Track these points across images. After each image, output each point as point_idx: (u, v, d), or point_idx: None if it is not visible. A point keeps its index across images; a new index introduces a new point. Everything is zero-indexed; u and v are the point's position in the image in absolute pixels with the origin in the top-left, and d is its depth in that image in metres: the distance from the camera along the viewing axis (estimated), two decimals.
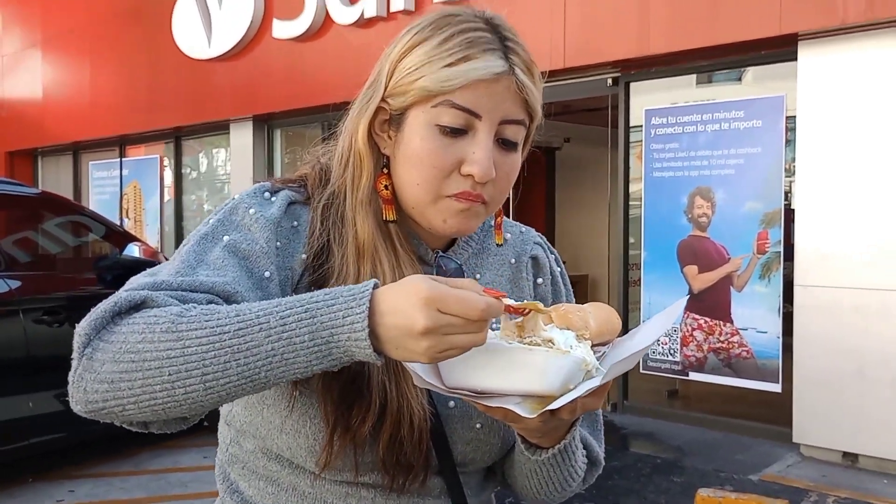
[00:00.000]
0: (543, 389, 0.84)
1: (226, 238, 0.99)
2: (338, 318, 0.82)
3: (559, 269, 1.24)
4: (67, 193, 11.38)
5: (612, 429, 5.92)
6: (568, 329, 0.92)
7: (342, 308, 0.82)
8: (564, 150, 10.31)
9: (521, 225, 1.25)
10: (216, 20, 8.74)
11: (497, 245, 1.17)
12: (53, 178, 11.88)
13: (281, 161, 9.06)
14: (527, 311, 0.88)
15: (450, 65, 0.98)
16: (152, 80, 9.75)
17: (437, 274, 1.06)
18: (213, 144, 9.83)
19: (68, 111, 10.93)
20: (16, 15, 11.73)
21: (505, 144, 1.01)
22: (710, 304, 5.87)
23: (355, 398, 0.97)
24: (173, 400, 0.84)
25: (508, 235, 1.19)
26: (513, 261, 1.18)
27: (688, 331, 5.95)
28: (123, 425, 0.90)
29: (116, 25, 10.15)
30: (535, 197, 10.45)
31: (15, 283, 4.58)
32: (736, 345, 5.73)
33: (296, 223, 1.04)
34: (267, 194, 1.04)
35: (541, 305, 0.89)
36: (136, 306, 0.88)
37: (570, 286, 1.25)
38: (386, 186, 1.04)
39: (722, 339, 5.80)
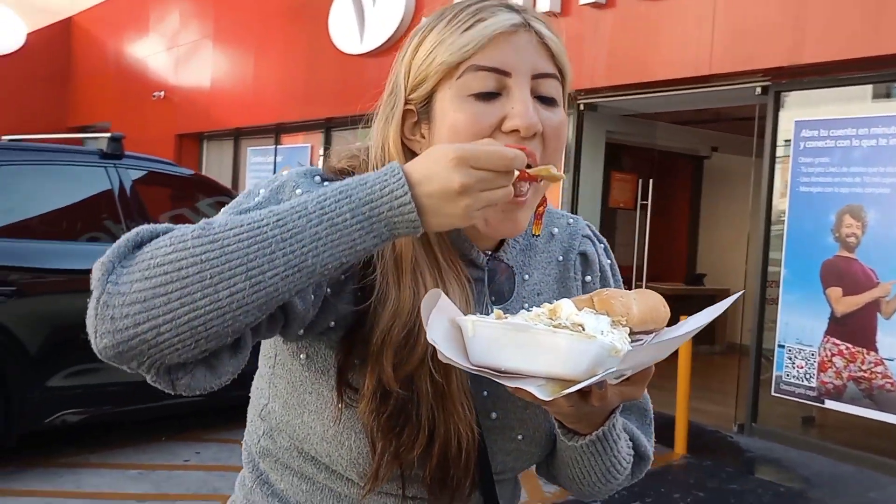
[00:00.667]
0: (566, 373, 0.83)
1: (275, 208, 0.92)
2: (375, 192, 0.80)
3: (609, 261, 1.19)
4: (227, 175, 12.10)
5: (736, 451, 5.69)
6: (606, 314, 0.90)
7: (377, 183, 0.81)
8: (713, 160, 9.96)
9: (570, 215, 1.19)
10: (369, 17, 9.03)
11: (534, 236, 1.10)
12: (216, 161, 12.64)
13: None
14: (539, 179, 0.89)
15: (464, 31, 0.95)
16: (308, 73, 10.20)
17: (488, 278, 1.05)
18: (361, 137, 10.13)
19: (232, 99, 11.60)
20: (192, 9, 12.55)
21: (543, 101, 0.97)
22: (854, 329, 5.52)
23: (404, 425, 0.95)
24: (217, 307, 0.76)
25: (556, 230, 1.14)
26: (560, 258, 1.13)
27: (826, 356, 5.62)
28: (151, 373, 0.80)
29: (280, 21, 10.69)
30: (679, 205, 10.16)
31: None
32: (879, 375, 5.36)
33: None
34: (318, 178, 0.99)
35: (553, 170, 0.90)
36: (159, 234, 0.82)
37: (619, 278, 1.20)
38: None
39: (864, 367, 5.44)
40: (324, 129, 10.38)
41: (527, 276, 1.09)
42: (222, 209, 0.95)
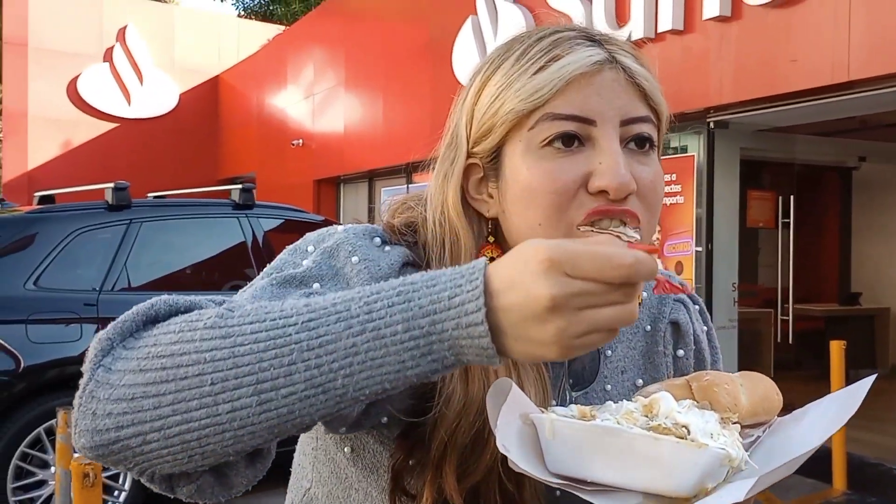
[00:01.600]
0: (671, 490, 0.68)
1: (315, 286, 0.81)
2: (442, 301, 0.61)
3: (705, 327, 1.02)
4: (363, 217, 12.42)
5: None
6: (710, 408, 0.76)
7: (448, 287, 0.62)
8: (861, 171, 9.33)
9: (661, 270, 1.01)
10: (491, 51, 9.10)
11: None
12: (352, 203, 13.05)
13: None
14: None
15: (536, 72, 0.81)
16: (434, 111, 10.37)
17: (569, 360, 0.88)
18: None
19: (364, 142, 11.97)
20: (325, 59, 13.08)
21: (637, 145, 0.82)
22: None
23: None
24: (214, 423, 0.62)
25: (644, 294, 0.97)
26: (648, 328, 0.97)
27: None
28: (142, 478, 0.67)
29: (407, 63, 10.96)
30: (827, 221, 9.56)
31: None
32: None
33: None
34: (378, 240, 0.85)
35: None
36: (180, 311, 0.70)
37: (716, 343, 1.03)
38: (492, 259, 0.81)
39: None
40: None
41: (609, 352, 0.94)
42: (264, 270, 0.85)
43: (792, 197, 7.65)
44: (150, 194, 5.83)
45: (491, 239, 0.87)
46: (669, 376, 0.96)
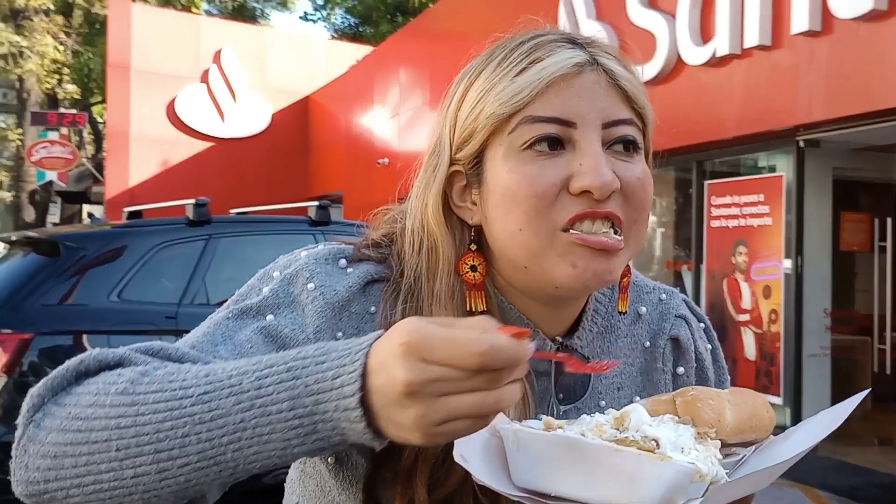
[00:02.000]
0: (630, 503, 0.66)
1: (269, 318, 0.82)
2: (326, 380, 0.61)
3: (709, 346, 0.99)
4: None
5: None
6: (692, 423, 0.73)
7: (333, 367, 0.62)
8: None
9: (664, 289, 0.99)
10: None
11: (620, 313, 0.91)
12: None
13: None
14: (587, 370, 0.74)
15: (517, 76, 0.80)
16: None
17: (556, 372, 0.87)
18: None
19: None
20: (411, 80, 13.24)
21: (621, 148, 0.81)
22: None
23: None
24: (121, 486, 0.65)
25: (644, 309, 0.95)
26: (647, 344, 0.95)
27: None
28: None
29: None
30: None
31: None
32: None
33: (373, 309, 0.85)
34: (343, 262, 0.86)
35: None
36: (109, 366, 0.71)
37: (722, 363, 1.01)
38: (473, 267, 0.85)
39: None
40: None
41: None
42: (232, 297, 0.86)
43: (889, 219, 7.28)
44: (232, 210, 5.98)
45: (473, 247, 0.86)
46: (668, 392, 0.92)
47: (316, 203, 5.19)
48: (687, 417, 0.74)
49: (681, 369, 0.96)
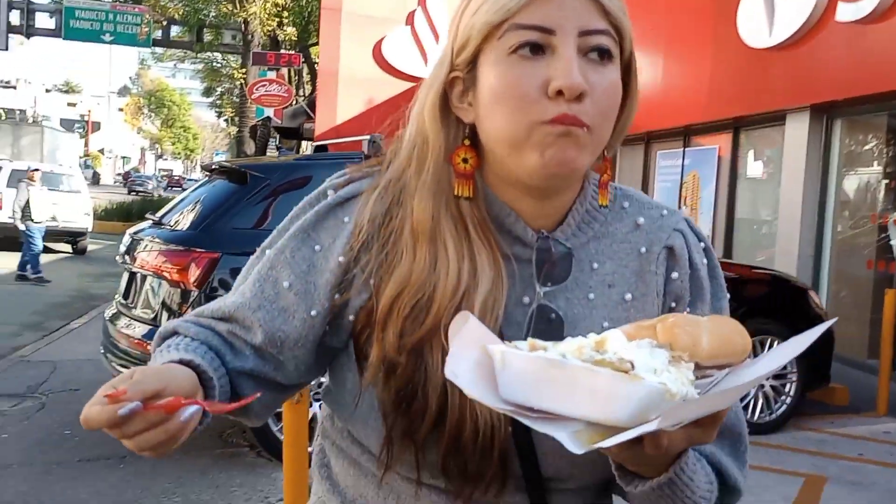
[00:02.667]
0: (607, 419, 0.72)
1: (268, 251, 0.99)
2: None
3: (705, 260, 1.03)
4: (637, 180, 12.21)
5: None
6: (669, 347, 0.77)
7: None
8: None
9: (665, 206, 1.05)
10: (779, 7, 8.43)
11: (601, 206, 1.00)
12: (629, 166, 12.84)
13: (839, 154, 8.35)
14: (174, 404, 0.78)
15: None
16: (714, 71, 9.86)
17: (537, 258, 0.96)
18: (768, 137, 9.52)
19: (643, 104, 11.52)
20: None
21: (594, 55, 0.89)
22: None
23: (412, 401, 0.90)
24: None
25: (642, 219, 1.02)
26: (643, 250, 1.00)
27: None
28: None
29: (686, 21, 10.49)
30: None
31: None
32: None
33: (347, 219, 0.97)
34: (331, 192, 0.99)
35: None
36: (170, 334, 0.98)
37: (721, 282, 1.03)
38: (465, 160, 0.95)
39: None
40: (732, 128, 9.94)
41: (596, 265, 0.99)
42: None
43: None
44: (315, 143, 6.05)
45: (466, 142, 0.96)
46: (659, 295, 1.00)
47: (368, 137, 5.18)
48: (666, 342, 0.78)
49: (675, 274, 1.01)
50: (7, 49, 29.84)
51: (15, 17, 27.69)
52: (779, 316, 5.93)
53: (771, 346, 5.79)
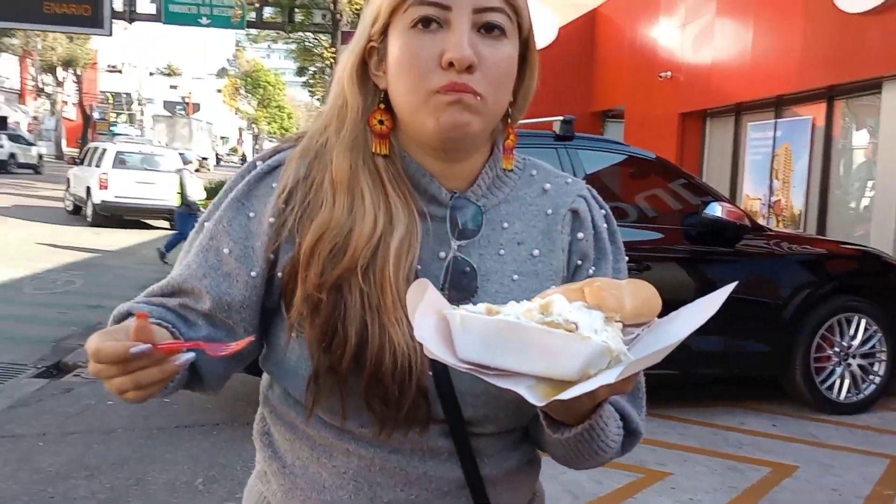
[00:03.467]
0: (559, 374, 0.81)
1: (207, 224, 1.06)
2: None
3: (606, 225, 1.12)
4: (727, 153, 11.93)
5: None
6: (599, 309, 0.85)
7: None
8: None
9: (569, 176, 1.15)
10: None
11: (505, 170, 1.08)
12: (718, 138, 12.54)
13: None
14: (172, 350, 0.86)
15: None
16: (806, 39, 9.50)
17: (451, 216, 1.04)
18: (863, 106, 9.14)
19: (732, 74, 11.38)
20: None
21: (487, 30, 0.97)
22: None
23: (333, 335, 0.96)
24: None
25: (548, 185, 1.11)
26: (549, 212, 1.10)
27: None
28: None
29: None
30: None
31: (656, 235, 5.43)
32: None
33: (275, 185, 1.04)
34: (259, 163, 1.07)
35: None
36: (125, 316, 1.02)
37: (620, 245, 1.12)
38: (381, 122, 1.03)
39: None
40: (825, 98, 9.59)
41: (506, 224, 1.08)
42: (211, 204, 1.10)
43: None
44: None
45: (381, 106, 1.04)
46: (564, 252, 1.09)
47: (560, 118, 5.29)
48: (594, 304, 0.86)
49: (580, 234, 1.10)
50: (111, 34, 31.13)
51: (118, 4, 28.74)
52: (867, 293, 5.77)
53: (858, 324, 5.66)
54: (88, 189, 16.86)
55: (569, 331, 0.80)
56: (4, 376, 6.01)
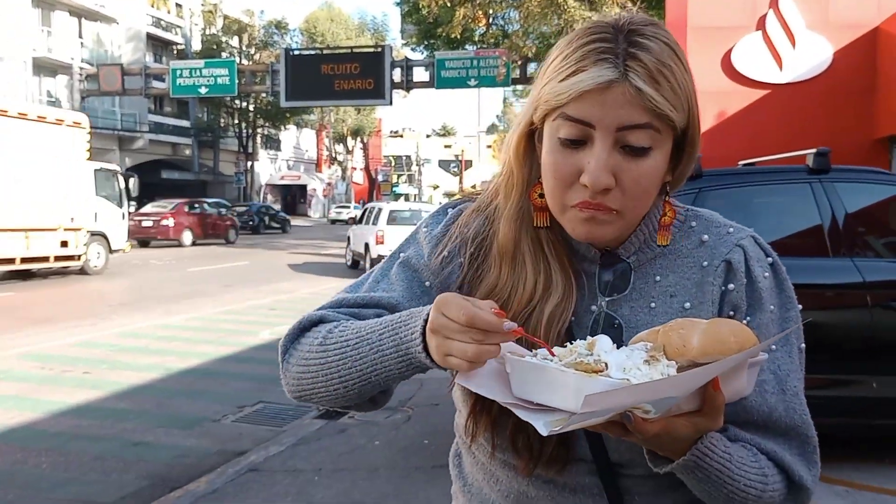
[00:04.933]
0: (572, 408, 0.88)
1: (402, 255, 1.18)
2: (408, 333, 0.99)
3: (769, 274, 1.10)
4: None
5: None
6: (663, 347, 0.91)
7: (411, 323, 0.99)
8: None
9: (734, 225, 1.14)
10: None
11: (659, 245, 1.10)
12: None
13: None
14: (537, 346, 0.96)
15: (563, 79, 1.00)
16: None
17: (600, 271, 1.10)
18: None
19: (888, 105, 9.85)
20: None
21: (630, 151, 0.99)
22: None
23: None
24: (329, 392, 1.07)
25: (706, 237, 1.12)
26: (705, 264, 1.10)
27: None
28: (329, 407, 1.14)
29: None
30: None
31: None
32: None
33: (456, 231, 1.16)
34: (451, 210, 1.19)
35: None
36: (316, 322, 1.12)
37: (789, 293, 1.11)
38: (541, 195, 1.08)
39: None
40: None
41: (659, 278, 1.11)
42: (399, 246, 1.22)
43: None
44: (741, 162, 6.01)
45: (541, 180, 1.09)
46: (714, 304, 1.09)
47: (814, 151, 4.94)
48: (661, 343, 0.91)
49: (731, 286, 1.09)
50: (391, 104, 33.90)
51: (397, 75, 31.42)
52: None
53: None
54: (367, 245, 18.49)
55: (596, 370, 0.88)
56: (293, 417, 6.70)
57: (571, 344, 0.96)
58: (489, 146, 75.50)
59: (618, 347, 1.04)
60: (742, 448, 1.02)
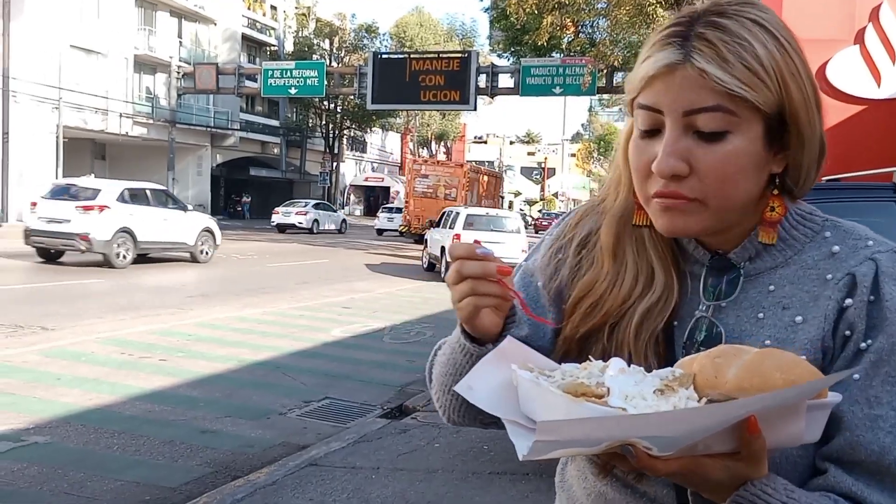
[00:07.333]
0: None
1: (524, 264, 1.20)
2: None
3: None
4: None
5: None
6: (693, 377, 0.84)
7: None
8: None
9: (876, 238, 1.01)
10: None
11: (764, 244, 1.02)
12: None
13: None
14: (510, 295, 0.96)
15: (639, 66, 0.98)
16: None
17: (708, 276, 1.05)
18: None
19: None
20: None
21: (703, 136, 0.94)
22: None
23: None
24: (449, 401, 1.10)
25: (838, 248, 1.01)
26: (829, 276, 1.00)
27: None
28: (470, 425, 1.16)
29: None
30: None
31: None
32: None
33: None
34: (573, 213, 1.19)
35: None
36: (440, 348, 1.15)
37: None
38: None
39: None
40: None
41: (772, 287, 1.02)
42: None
43: None
44: (824, 178, 5.79)
45: None
46: (828, 320, 0.98)
47: None
48: (692, 371, 0.84)
49: (848, 301, 0.98)
50: (476, 110, 33.98)
51: (482, 81, 31.49)
52: None
53: None
54: (443, 248, 18.47)
55: (597, 395, 0.83)
56: (357, 414, 6.78)
57: (590, 361, 0.92)
58: (573, 154, 74.97)
59: None
60: (820, 498, 0.91)
